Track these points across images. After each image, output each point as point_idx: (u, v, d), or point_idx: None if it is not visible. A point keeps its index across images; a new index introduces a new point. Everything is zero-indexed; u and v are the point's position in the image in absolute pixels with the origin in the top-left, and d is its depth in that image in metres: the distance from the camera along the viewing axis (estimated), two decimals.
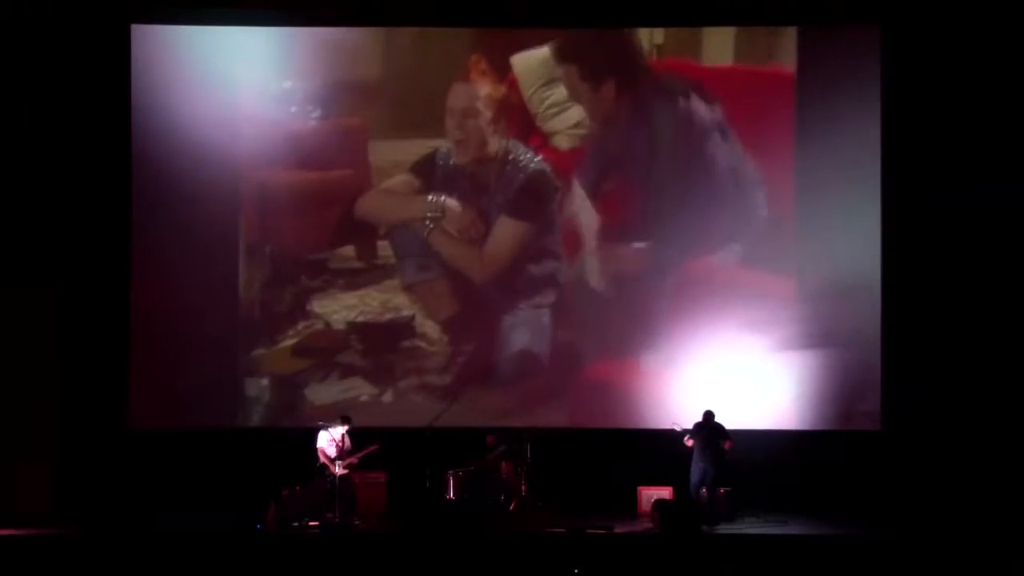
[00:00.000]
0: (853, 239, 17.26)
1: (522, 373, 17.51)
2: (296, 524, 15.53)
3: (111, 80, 17.31)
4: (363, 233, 17.68)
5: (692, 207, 17.44)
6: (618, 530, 15.38)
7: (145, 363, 17.35)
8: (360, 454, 16.06)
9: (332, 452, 15.96)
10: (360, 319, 17.63)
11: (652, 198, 17.54)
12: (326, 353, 17.62)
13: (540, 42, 17.53)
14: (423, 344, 17.63)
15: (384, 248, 17.68)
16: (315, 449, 16.03)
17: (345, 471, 15.89)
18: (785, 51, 17.44)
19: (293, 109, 17.59)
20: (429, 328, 17.59)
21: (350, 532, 15.46)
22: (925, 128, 17.02)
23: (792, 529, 15.73)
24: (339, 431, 16.05)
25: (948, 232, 16.91)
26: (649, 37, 17.60)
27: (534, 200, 17.59)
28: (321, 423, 16.28)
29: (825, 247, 17.29)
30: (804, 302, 17.28)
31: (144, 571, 14.34)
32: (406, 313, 17.60)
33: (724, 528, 15.78)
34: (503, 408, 17.43)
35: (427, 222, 17.57)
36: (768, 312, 17.28)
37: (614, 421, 17.39)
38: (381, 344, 17.61)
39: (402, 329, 17.61)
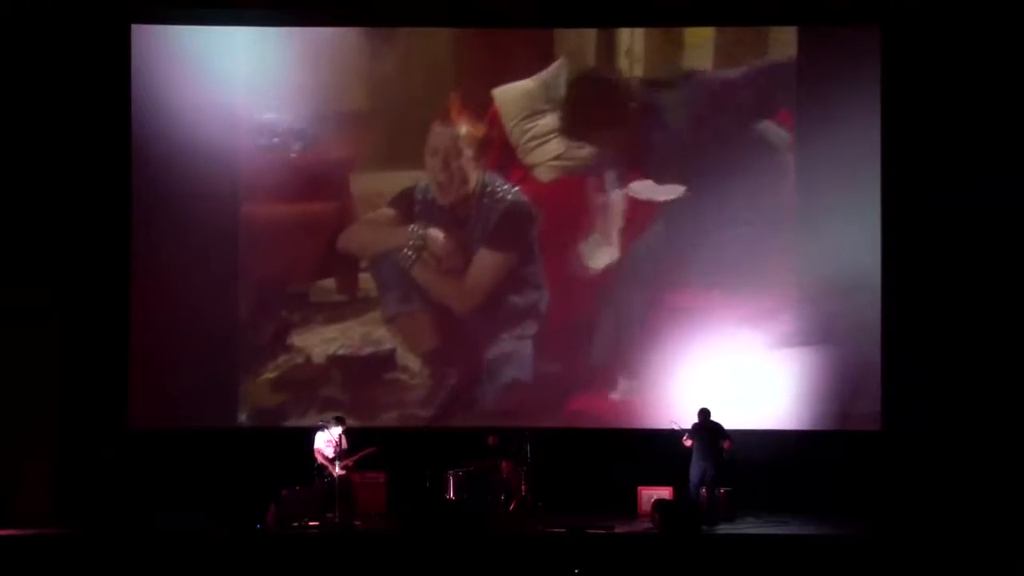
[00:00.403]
0: (853, 239, 17.26)
1: (506, 400, 17.47)
2: (296, 524, 15.54)
3: (111, 80, 17.31)
4: (344, 265, 17.62)
5: (693, 205, 17.48)
6: (618, 530, 15.38)
7: (145, 363, 17.35)
8: (358, 456, 16.06)
9: (330, 453, 15.97)
10: (341, 352, 17.54)
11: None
12: (306, 387, 17.53)
13: (517, 77, 17.50)
14: (404, 377, 17.55)
15: (365, 280, 17.61)
16: (312, 450, 16.04)
17: (343, 472, 15.89)
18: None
19: (276, 140, 17.54)
20: (410, 361, 17.48)
21: (350, 532, 15.46)
22: (925, 128, 17.02)
23: (792, 529, 15.73)
24: (336, 431, 16.05)
25: (948, 232, 16.92)
26: (628, 70, 17.59)
27: (514, 230, 17.52)
28: (321, 423, 16.30)
29: (825, 247, 17.29)
30: (804, 302, 17.27)
31: (144, 571, 14.34)
32: (387, 346, 17.50)
33: (724, 528, 15.79)
34: (503, 409, 17.46)
35: (409, 252, 17.53)
36: (768, 312, 17.28)
37: (614, 421, 17.39)
38: (362, 378, 17.53)
39: (383, 362, 17.51)
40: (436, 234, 17.56)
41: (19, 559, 14.45)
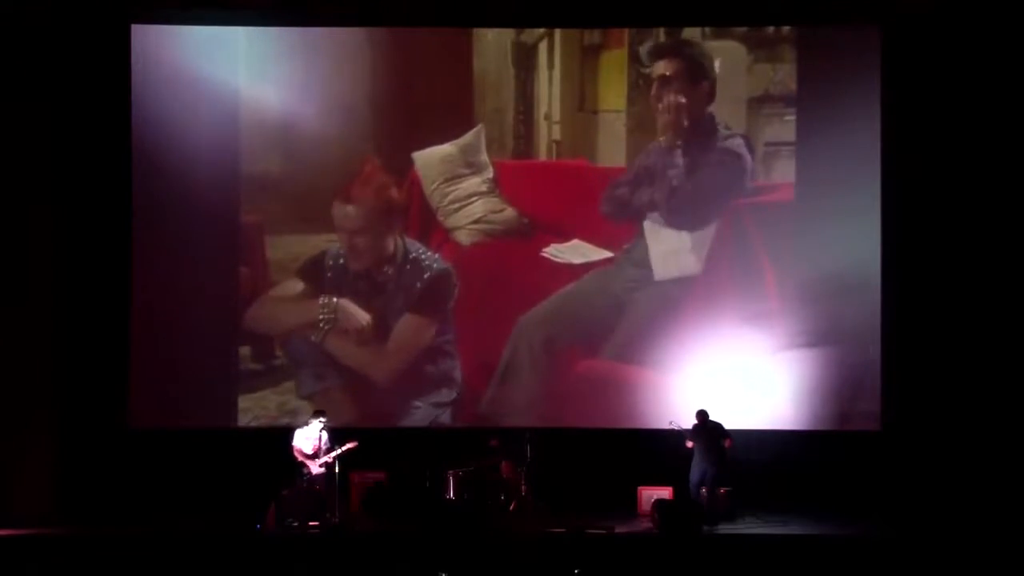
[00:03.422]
0: (853, 238, 17.26)
1: None
2: (296, 524, 15.54)
3: (111, 79, 17.30)
4: (259, 332, 17.55)
5: (693, 205, 17.50)
6: (618, 530, 15.38)
7: (145, 363, 17.35)
8: (337, 452, 15.98)
9: (308, 449, 15.92)
10: (254, 424, 17.45)
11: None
12: None
13: (438, 140, 17.50)
14: None
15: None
16: (291, 447, 16.00)
17: (322, 469, 15.85)
18: None
19: None
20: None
21: (350, 532, 15.46)
22: (925, 128, 17.02)
23: (792, 529, 15.73)
24: (315, 428, 15.99)
25: (948, 232, 16.92)
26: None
27: (437, 299, 17.45)
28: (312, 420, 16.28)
29: (825, 246, 17.29)
30: (804, 301, 17.27)
31: (144, 571, 14.35)
32: (304, 417, 17.12)
33: (724, 528, 15.79)
34: (503, 409, 17.46)
35: (321, 325, 17.44)
36: (768, 312, 17.28)
37: (614, 421, 17.39)
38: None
39: None
40: (349, 300, 17.45)
41: (19, 559, 14.45)
